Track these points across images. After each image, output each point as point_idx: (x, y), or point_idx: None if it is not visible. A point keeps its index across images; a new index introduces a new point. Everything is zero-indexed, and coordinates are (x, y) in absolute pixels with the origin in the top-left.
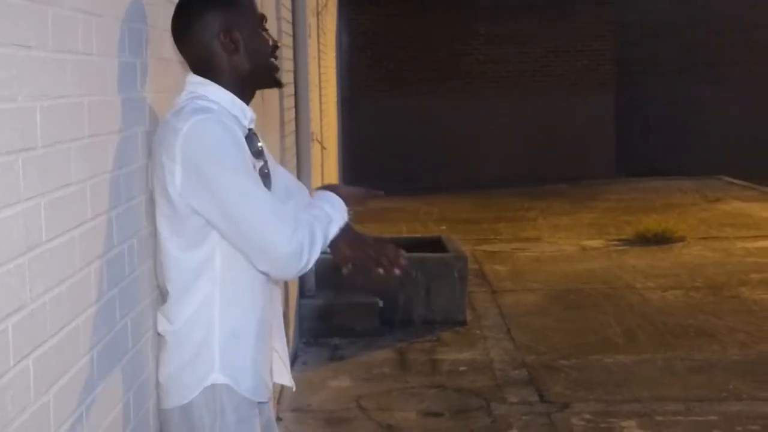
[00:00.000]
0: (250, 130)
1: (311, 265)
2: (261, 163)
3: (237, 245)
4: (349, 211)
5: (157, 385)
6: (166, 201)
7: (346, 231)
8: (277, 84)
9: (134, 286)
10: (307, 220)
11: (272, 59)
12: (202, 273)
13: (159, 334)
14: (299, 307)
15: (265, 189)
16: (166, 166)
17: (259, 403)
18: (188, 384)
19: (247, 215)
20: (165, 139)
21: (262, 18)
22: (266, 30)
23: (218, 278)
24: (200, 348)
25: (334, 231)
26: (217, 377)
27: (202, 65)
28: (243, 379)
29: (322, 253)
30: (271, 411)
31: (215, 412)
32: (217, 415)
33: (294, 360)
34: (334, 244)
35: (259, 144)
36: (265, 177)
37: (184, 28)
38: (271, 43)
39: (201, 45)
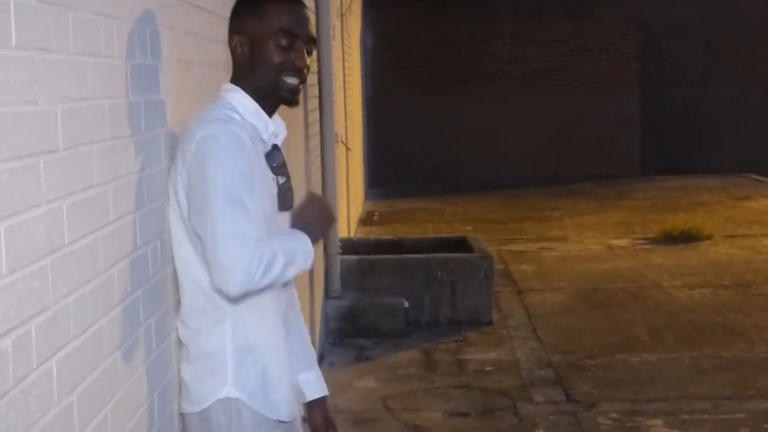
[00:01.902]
0: (274, 145)
1: (256, 290)
2: (283, 179)
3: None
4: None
5: (180, 387)
6: (177, 204)
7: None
8: (285, 102)
9: (158, 288)
10: (272, 252)
11: (282, 76)
12: (212, 288)
13: (179, 337)
14: (324, 307)
15: (249, 213)
16: (179, 169)
17: (281, 422)
18: (203, 393)
19: (216, 225)
20: (184, 143)
21: (292, 35)
22: (287, 45)
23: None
24: (214, 359)
25: (291, 272)
26: (230, 391)
27: (233, 64)
28: (256, 394)
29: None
30: (298, 426)
31: (231, 416)
32: (233, 419)
33: (320, 361)
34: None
35: (282, 158)
36: (288, 192)
37: (229, 29)
38: (288, 58)
39: (230, 47)
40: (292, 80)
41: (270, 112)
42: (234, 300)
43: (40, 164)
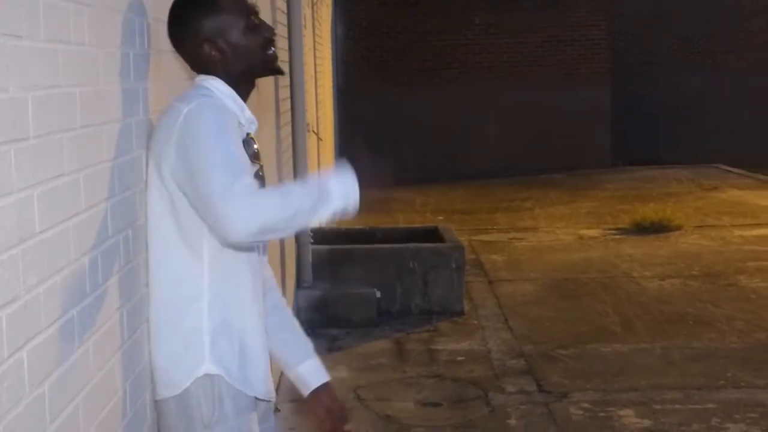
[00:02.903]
0: (247, 134)
1: (269, 236)
2: (256, 168)
3: (197, 208)
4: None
5: (152, 375)
6: (159, 180)
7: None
8: (276, 72)
9: (130, 277)
10: (287, 192)
11: (267, 52)
12: (191, 261)
13: (148, 323)
14: (296, 298)
15: (241, 166)
16: (162, 144)
17: (258, 400)
18: (181, 374)
19: (211, 181)
20: (167, 119)
21: (250, 13)
22: (257, 22)
23: (206, 269)
24: (191, 337)
25: (323, 213)
26: (209, 367)
27: (199, 68)
28: (234, 370)
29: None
30: (270, 412)
31: (213, 402)
32: (216, 406)
33: None
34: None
35: (255, 147)
36: (260, 180)
37: (174, 37)
38: (264, 36)
39: (191, 52)
40: (272, 51)
41: (246, 94)
42: (242, 242)
43: (11, 152)
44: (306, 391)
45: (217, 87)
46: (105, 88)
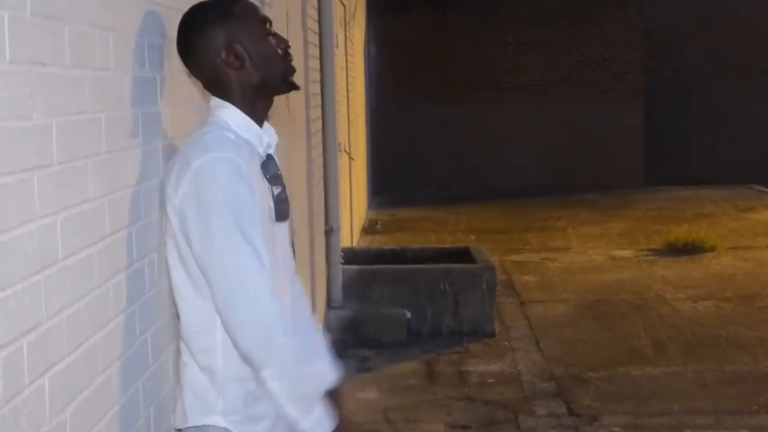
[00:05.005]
0: (269, 155)
1: (275, 353)
2: (279, 189)
3: (212, 293)
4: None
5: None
6: (171, 231)
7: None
8: (293, 87)
9: (154, 302)
10: (300, 352)
11: (284, 63)
12: (206, 315)
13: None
14: (327, 318)
15: (265, 248)
16: (172, 197)
17: None
18: (200, 411)
19: (235, 272)
20: (177, 170)
21: (266, 21)
22: (273, 33)
23: (219, 324)
24: (205, 386)
25: (295, 409)
26: (218, 419)
27: (213, 84)
28: (245, 425)
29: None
30: None
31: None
32: None
33: None
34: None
35: (278, 170)
36: (284, 202)
37: (187, 50)
38: (281, 47)
39: (206, 65)
40: (292, 63)
41: (264, 115)
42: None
43: (34, 179)
44: None
45: (233, 119)
46: (131, 112)
